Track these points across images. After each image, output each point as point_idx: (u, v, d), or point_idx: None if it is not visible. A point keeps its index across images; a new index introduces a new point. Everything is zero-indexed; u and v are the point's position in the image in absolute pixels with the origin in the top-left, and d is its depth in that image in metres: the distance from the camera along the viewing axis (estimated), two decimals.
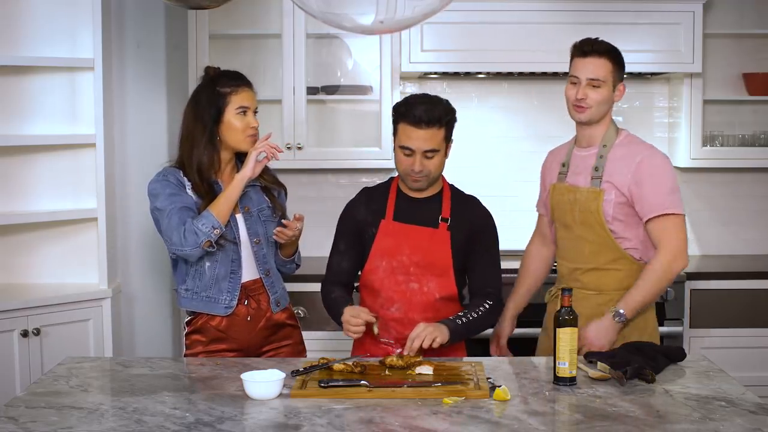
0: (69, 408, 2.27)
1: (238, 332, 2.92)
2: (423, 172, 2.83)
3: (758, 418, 2.18)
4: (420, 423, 2.16)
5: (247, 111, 2.90)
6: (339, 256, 2.99)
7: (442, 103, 2.84)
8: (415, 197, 2.94)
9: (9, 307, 3.61)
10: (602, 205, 2.89)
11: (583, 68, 2.91)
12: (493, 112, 4.61)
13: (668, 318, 4.06)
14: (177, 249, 2.83)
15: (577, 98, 2.91)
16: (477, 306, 2.86)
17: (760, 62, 4.55)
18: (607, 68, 2.89)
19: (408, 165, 2.83)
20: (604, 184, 2.90)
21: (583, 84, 2.90)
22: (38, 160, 3.96)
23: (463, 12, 4.10)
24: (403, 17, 2.47)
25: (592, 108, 2.91)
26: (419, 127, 2.78)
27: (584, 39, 2.94)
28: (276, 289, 2.98)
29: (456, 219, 2.92)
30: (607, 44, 2.93)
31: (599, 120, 2.95)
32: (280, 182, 3.08)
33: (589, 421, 2.18)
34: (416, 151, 2.80)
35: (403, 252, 2.89)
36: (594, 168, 2.94)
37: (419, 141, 2.79)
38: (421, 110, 2.78)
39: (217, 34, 4.28)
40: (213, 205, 2.83)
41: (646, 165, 2.88)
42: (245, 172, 2.85)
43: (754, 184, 4.69)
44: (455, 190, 3.00)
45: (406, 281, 2.89)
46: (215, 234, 2.81)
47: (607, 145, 2.94)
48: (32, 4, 3.90)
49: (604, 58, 2.89)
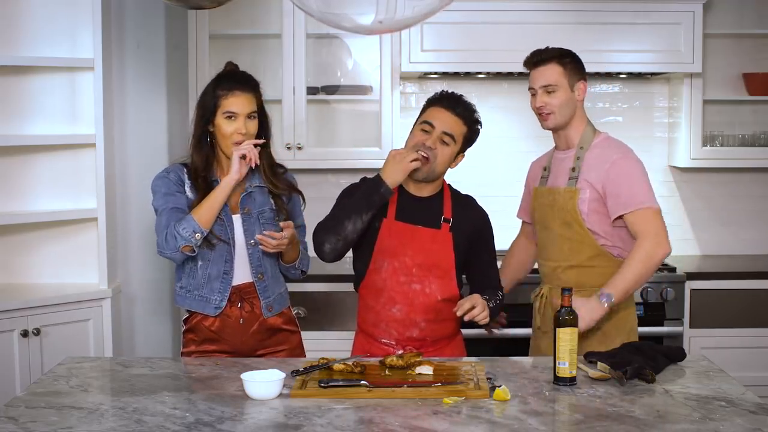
0: (69, 408, 2.27)
1: (230, 334, 2.91)
2: (431, 152, 2.83)
3: (758, 418, 2.18)
4: (420, 423, 2.16)
5: (236, 116, 2.84)
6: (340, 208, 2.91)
7: (476, 112, 2.93)
8: (417, 195, 2.94)
9: (9, 307, 3.61)
10: (578, 203, 2.94)
11: (535, 78, 3.00)
12: (493, 112, 4.60)
13: (668, 318, 4.06)
14: (160, 251, 2.83)
15: (537, 107, 3.00)
16: (493, 295, 2.91)
17: (760, 62, 4.55)
18: (556, 72, 2.97)
19: (421, 139, 2.85)
20: (580, 183, 2.96)
21: (539, 93, 2.98)
22: (38, 160, 3.96)
23: (463, 12, 4.10)
24: (403, 17, 2.47)
25: (554, 113, 2.98)
26: (449, 110, 2.86)
27: (533, 50, 3.03)
28: (269, 294, 2.94)
29: (457, 220, 2.93)
30: (554, 50, 3.01)
31: (568, 122, 3.01)
32: (295, 187, 3.04)
33: (589, 421, 2.18)
34: (436, 129, 2.84)
35: (406, 253, 2.89)
36: (571, 169, 2.99)
37: (443, 122, 2.85)
38: (459, 101, 2.90)
39: (217, 34, 4.28)
40: (196, 210, 2.80)
41: (620, 164, 2.94)
42: (231, 176, 2.81)
43: (753, 184, 4.69)
44: (453, 190, 3.02)
45: (409, 282, 2.89)
46: (196, 239, 2.78)
47: (584, 147, 3.01)
48: (32, 4, 3.90)
49: (551, 63, 2.97)
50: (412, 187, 2.94)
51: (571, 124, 3.02)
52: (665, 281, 4.06)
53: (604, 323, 2.92)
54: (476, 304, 2.75)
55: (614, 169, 2.93)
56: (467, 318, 2.75)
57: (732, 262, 4.48)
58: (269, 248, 2.84)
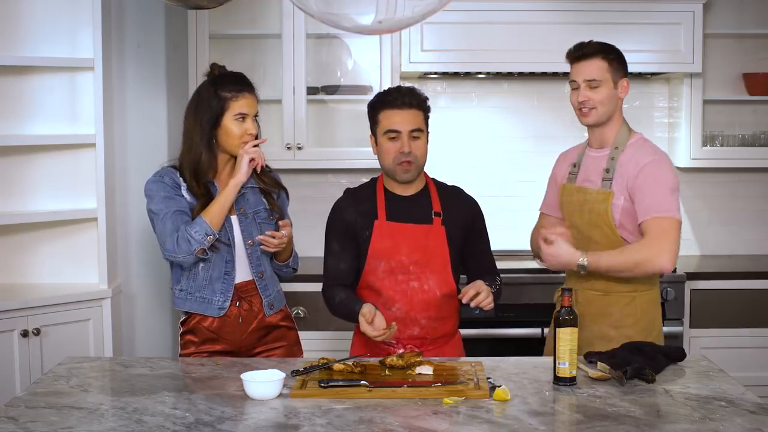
0: (69, 408, 2.27)
1: (230, 333, 2.91)
2: (411, 155, 2.85)
3: (758, 418, 2.18)
4: (420, 423, 2.16)
5: (246, 117, 2.87)
6: (334, 257, 2.97)
7: (416, 90, 2.93)
8: (403, 195, 2.95)
9: (9, 307, 3.61)
10: (611, 208, 2.89)
11: (578, 71, 2.93)
12: (493, 112, 4.61)
13: (668, 318, 4.06)
14: (170, 255, 2.83)
15: (579, 102, 2.93)
16: (493, 281, 2.92)
17: (760, 62, 4.55)
18: (601, 67, 2.91)
19: (396, 150, 2.85)
20: (614, 187, 2.89)
21: (582, 87, 2.92)
22: (38, 160, 3.96)
23: (463, 12, 4.10)
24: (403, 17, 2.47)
25: (596, 109, 2.91)
26: (402, 108, 2.86)
27: (576, 44, 2.97)
28: (269, 292, 2.96)
29: (448, 212, 2.94)
30: (598, 44, 2.94)
31: (607, 120, 2.95)
32: (281, 184, 3.06)
33: (589, 421, 2.18)
34: (403, 133, 2.85)
35: (401, 251, 2.89)
36: (605, 170, 2.93)
37: (405, 122, 2.85)
38: (400, 95, 2.88)
39: (217, 34, 4.28)
40: (206, 212, 2.81)
41: (649, 170, 2.86)
42: (239, 178, 2.82)
43: (753, 184, 4.69)
44: (438, 183, 3.02)
45: (406, 280, 2.90)
46: (209, 241, 2.79)
47: (619, 147, 2.94)
48: (32, 4, 3.90)
49: (596, 57, 2.91)
50: (397, 188, 2.95)
51: (609, 122, 2.95)
52: (665, 281, 4.05)
53: (630, 327, 2.89)
54: (480, 290, 2.76)
55: (642, 175, 2.85)
56: (473, 304, 2.75)
57: (732, 262, 4.48)
58: (271, 248, 2.86)
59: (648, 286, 2.95)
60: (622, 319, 2.91)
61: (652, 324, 2.96)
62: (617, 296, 2.91)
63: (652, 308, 2.97)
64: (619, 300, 2.91)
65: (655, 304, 2.99)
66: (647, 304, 2.95)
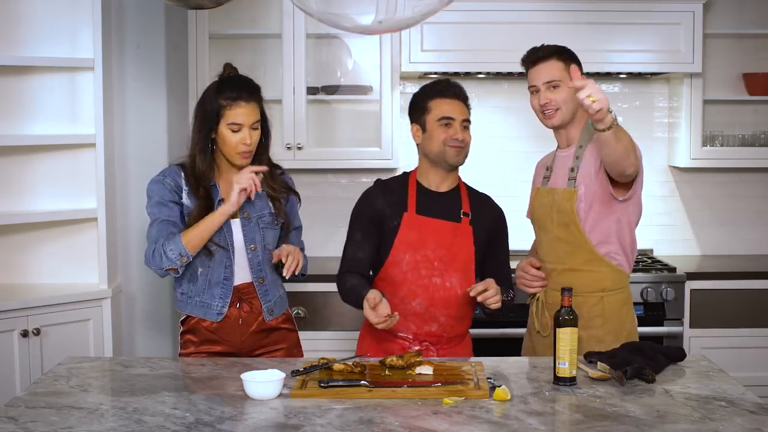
0: (69, 408, 2.27)
1: (230, 334, 2.91)
2: (463, 142, 2.91)
3: (758, 418, 2.18)
4: (420, 423, 2.16)
5: (240, 127, 2.82)
6: (354, 246, 2.98)
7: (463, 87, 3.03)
8: (435, 191, 2.97)
9: (9, 307, 3.61)
10: (576, 205, 2.90)
11: (537, 75, 2.96)
12: (493, 112, 4.61)
13: (668, 318, 4.06)
14: (146, 262, 2.84)
15: (542, 104, 2.95)
16: (506, 291, 2.92)
17: (760, 62, 4.55)
18: (559, 67, 2.93)
19: (449, 135, 2.91)
20: (578, 182, 2.91)
21: (542, 90, 2.94)
22: (38, 160, 3.96)
23: (463, 12, 4.10)
24: (403, 17, 2.47)
25: (560, 109, 2.94)
26: (454, 99, 2.94)
27: (530, 49, 3.00)
28: (270, 297, 2.95)
29: (476, 214, 2.98)
30: (552, 46, 2.98)
31: (571, 119, 2.97)
32: (292, 188, 3.03)
33: (589, 421, 2.18)
34: (456, 120, 2.91)
35: (427, 246, 2.91)
36: (570, 169, 2.95)
37: (458, 112, 2.93)
38: (451, 86, 2.97)
39: (217, 34, 4.28)
40: (186, 233, 2.78)
41: None
42: (227, 208, 2.78)
43: (753, 184, 4.69)
44: (469, 187, 3.06)
45: (429, 275, 2.90)
46: (182, 262, 2.78)
47: (584, 145, 2.96)
48: (32, 4, 3.90)
49: (552, 59, 2.94)
50: (431, 182, 2.98)
51: (573, 122, 2.98)
52: (665, 281, 4.06)
53: (599, 328, 2.90)
54: (490, 287, 2.77)
55: None
56: (480, 299, 2.75)
57: (732, 262, 4.48)
58: (294, 269, 2.83)
59: (617, 287, 2.95)
60: (590, 320, 2.90)
61: (622, 325, 2.95)
62: (585, 297, 2.90)
63: (622, 309, 2.96)
64: (587, 300, 2.90)
65: (625, 304, 2.98)
66: (616, 305, 2.94)
